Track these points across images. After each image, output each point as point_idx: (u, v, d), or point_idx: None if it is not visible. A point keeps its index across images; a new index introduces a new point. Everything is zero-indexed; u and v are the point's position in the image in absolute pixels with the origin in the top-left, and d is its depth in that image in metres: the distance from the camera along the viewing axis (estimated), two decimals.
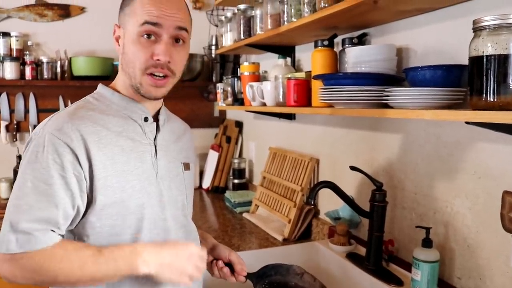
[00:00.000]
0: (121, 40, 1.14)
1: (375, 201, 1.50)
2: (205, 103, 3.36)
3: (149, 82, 1.10)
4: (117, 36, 1.15)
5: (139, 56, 1.08)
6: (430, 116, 1.09)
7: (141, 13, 1.07)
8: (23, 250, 0.97)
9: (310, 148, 2.16)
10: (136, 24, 1.08)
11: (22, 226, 0.97)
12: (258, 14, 2.04)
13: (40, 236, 0.98)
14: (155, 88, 1.11)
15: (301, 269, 1.37)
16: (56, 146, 1.02)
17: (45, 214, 0.99)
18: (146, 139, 1.15)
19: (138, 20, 1.07)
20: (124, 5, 1.13)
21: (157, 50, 1.07)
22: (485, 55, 0.93)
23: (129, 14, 1.10)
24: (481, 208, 1.26)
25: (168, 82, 1.12)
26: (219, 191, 2.97)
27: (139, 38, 1.08)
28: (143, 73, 1.09)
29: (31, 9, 2.96)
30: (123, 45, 1.13)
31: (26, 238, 0.97)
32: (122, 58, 1.13)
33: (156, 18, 1.06)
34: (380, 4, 1.29)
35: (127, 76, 1.12)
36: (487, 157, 1.24)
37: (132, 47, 1.09)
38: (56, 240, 1.00)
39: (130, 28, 1.10)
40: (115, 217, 1.07)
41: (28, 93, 2.96)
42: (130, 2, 1.11)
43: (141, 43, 1.08)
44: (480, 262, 1.27)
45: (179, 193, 1.22)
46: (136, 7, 1.09)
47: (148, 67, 1.08)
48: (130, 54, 1.10)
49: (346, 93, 1.39)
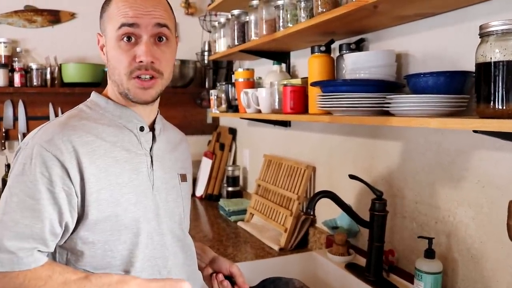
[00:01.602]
0: (105, 48, 1.10)
1: (375, 210, 1.47)
2: (198, 109, 3.32)
3: (136, 85, 1.04)
4: (101, 45, 1.11)
5: (121, 60, 1.03)
6: (436, 124, 1.05)
7: (117, 16, 1.03)
8: (5, 270, 0.92)
9: (306, 156, 2.13)
10: (114, 29, 1.04)
11: (6, 244, 0.92)
12: (252, 20, 2.01)
13: (24, 257, 0.93)
14: (143, 90, 1.05)
15: (300, 283, 1.33)
16: (45, 158, 0.96)
17: (31, 231, 0.94)
18: (141, 149, 1.11)
19: (115, 24, 1.03)
20: (102, 11, 1.10)
21: (138, 51, 1.03)
22: (493, 61, 0.91)
23: (107, 20, 1.07)
24: (485, 217, 1.23)
25: (156, 83, 1.06)
26: (213, 199, 2.93)
27: (118, 42, 1.04)
28: (129, 78, 1.04)
29: (20, 15, 2.91)
30: (106, 52, 1.09)
31: (9, 258, 0.92)
32: (108, 66, 1.09)
33: (131, 18, 1.02)
34: (380, 9, 1.26)
35: (115, 84, 1.08)
36: (491, 165, 1.21)
37: (114, 53, 1.05)
38: (41, 262, 0.95)
39: (109, 34, 1.06)
40: (109, 232, 1.02)
41: (17, 101, 2.91)
42: (106, 7, 1.08)
43: (121, 47, 1.03)
44: (485, 273, 1.24)
45: (175, 205, 1.17)
46: (112, 12, 1.05)
47: (133, 70, 1.03)
48: (113, 60, 1.05)
49: (345, 100, 1.35)
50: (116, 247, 1.03)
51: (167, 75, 1.09)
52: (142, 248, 1.06)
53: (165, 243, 1.12)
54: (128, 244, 1.05)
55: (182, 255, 1.16)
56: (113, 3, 1.06)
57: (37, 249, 0.95)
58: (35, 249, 0.95)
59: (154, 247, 1.09)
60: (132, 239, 1.05)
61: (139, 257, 1.06)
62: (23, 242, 0.93)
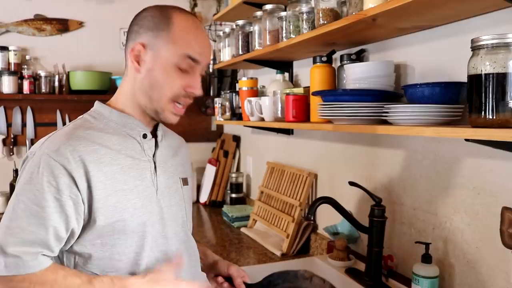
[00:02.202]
0: (145, 62, 1.10)
1: (374, 216, 1.50)
2: (203, 117, 3.37)
3: (172, 110, 1.12)
4: (138, 55, 1.11)
5: (172, 85, 1.10)
6: (431, 133, 1.10)
7: (184, 45, 1.09)
8: (12, 273, 0.96)
9: (308, 163, 2.17)
10: (175, 54, 1.08)
11: (12, 249, 0.96)
12: (256, 30, 2.06)
13: (30, 260, 0.97)
14: (175, 116, 1.14)
15: (309, 273, 1.34)
16: (52, 168, 1.00)
17: (36, 237, 0.98)
18: (145, 156, 1.15)
19: (178, 51, 1.08)
20: (157, 27, 1.10)
21: (193, 83, 1.11)
22: (484, 73, 0.95)
23: (165, 40, 1.09)
24: (480, 223, 1.27)
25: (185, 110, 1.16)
26: (217, 205, 2.97)
27: (175, 67, 1.09)
28: (170, 101, 1.11)
29: (30, 23, 2.98)
30: (149, 67, 1.10)
31: (14, 261, 0.96)
32: (145, 79, 1.11)
33: (198, 55, 1.10)
34: (379, 22, 1.31)
35: (146, 98, 1.11)
36: (485, 173, 1.25)
37: (165, 74, 1.09)
38: (46, 265, 0.99)
39: (165, 55, 1.09)
40: (117, 236, 1.07)
41: (26, 107, 2.96)
42: (166, 27, 1.09)
43: (176, 72, 1.09)
44: (480, 278, 1.27)
45: (178, 208, 1.21)
46: (176, 36, 1.09)
47: (179, 96, 1.11)
48: (161, 80, 1.09)
49: (345, 109, 1.40)
50: (123, 250, 1.08)
51: None
52: (148, 251, 1.11)
53: (169, 245, 1.16)
54: (134, 247, 1.09)
55: (186, 257, 1.20)
56: (176, 27, 1.09)
57: (42, 253, 0.99)
58: (39, 253, 0.99)
59: (159, 249, 1.13)
60: (138, 242, 1.09)
61: (144, 259, 1.10)
62: (28, 247, 0.97)
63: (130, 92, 1.15)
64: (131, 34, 1.14)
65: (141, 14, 1.15)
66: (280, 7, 1.88)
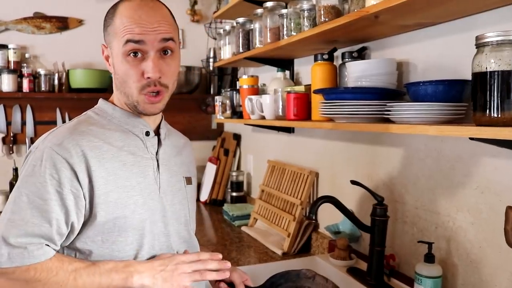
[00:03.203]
0: (110, 60, 1.13)
1: (376, 215, 1.49)
2: (203, 115, 3.35)
3: (145, 101, 1.09)
4: (106, 56, 1.14)
5: (131, 75, 1.07)
6: (434, 132, 1.08)
7: (123, 32, 1.05)
8: (15, 265, 0.95)
9: (309, 162, 2.16)
10: (119, 44, 1.06)
11: (15, 241, 0.96)
12: (257, 28, 2.05)
13: (35, 250, 0.97)
14: (151, 105, 1.10)
15: (311, 272, 1.32)
16: (55, 161, 1.00)
17: (40, 230, 0.98)
18: (147, 153, 1.14)
19: (120, 40, 1.06)
20: (106, 24, 1.11)
21: (146, 67, 1.06)
22: (489, 71, 0.94)
23: (112, 33, 1.09)
24: (484, 223, 1.26)
25: (163, 97, 1.11)
26: (217, 204, 2.96)
27: (125, 57, 1.06)
28: (139, 93, 1.08)
29: (29, 21, 2.96)
30: (113, 64, 1.11)
31: (19, 252, 0.95)
32: (115, 78, 1.13)
33: (137, 35, 1.04)
34: (381, 19, 1.30)
35: (123, 95, 1.11)
36: (489, 172, 1.23)
37: (122, 67, 1.08)
38: (50, 255, 0.99)
39: (115, 48, 1.08)
40: (118, 233, 1.06)
41: (25, 106, 2.95)
42: (110, 21, 1.09)
43: (129, 62, 1.06)
44: (483, 278, 1.26)
45: (181, 207, 1.21)
46: (117, 26, 1.07)
47: (143, 86, 1.07)
48: (122, 74, 1.08)
49: (347, 107, 1.38)
50: (124, 247, 1.07)
51: (172, 86, 1.14)
52: (148, 249, 1.10)
53: (171, 245, 1.15)
54: (135, 245, 1.09)
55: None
56: (117, 17, 1.07)
57: (46, 243, 0.99)
58: (43, 243, 0.99)
59: (160, 248, 1.13)
60: (139, 240, 1.09)
61: (144, 257, 1.09)
62: (32, 238, 0.97)
63: (115, 93, 1.16)
64: None
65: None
66: (281, 4, 1.87)
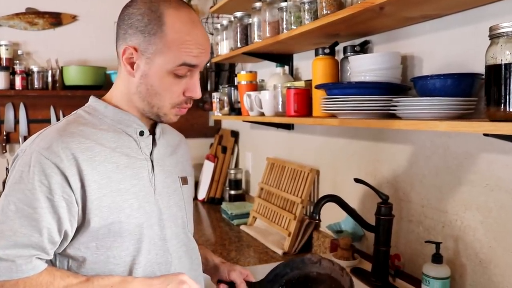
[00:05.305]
0: (139, 67, 1.02)
1: (381, 214, 1.45)
2: (200, 112, 3.30)
3: (174, 113, 1.08)
4: (132, 61, 1.03)
5: (171, 92, 1.04)
6: (445, 127, 1.03)
7: (179, 52, 0.99)
8: (3, 279, 0.90)
9: (310, 159, 2.11)
10: (170, 61, 1.00)
11: (3, 253, 0.90)
12: (255, 22, 1.99)
13: (23, 264, 0.91)
14: (177, 117, 1.10)
15: (316, 256, 1.28)
16: (44, 166, 0.94)
17: (30, 240, 0.92)
18: (141, 154, 1.08)
19: (174, 58, 1.00)
20: (148, 31, 1.00)
21: (191, 87, 1.05)
22: (504, 63, 0.89)
23: (158, 46, 0.99)
24: (493, 221, 1.21)
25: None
26: (215, 202, 2.91)
27: (171, 74, 1.02)
28: (173, 107, 1.06)
29: (22, 17, 2.90)
30: (143, 73, 1.02)
31: (6, 265, 0.90)
32: (141, 86, 1.03)
33: (195, 58, 1.02)
34: (386, 10, 1.25)
35: (145, 104, 1.05)
36: (499, 169, 1.19)
37: (162, 82, 1.02)
38: (40, 269, 0.93)
39: (160, 62, 1.00)
40: (113, 239, 1.00)
41: (18, 103, 2.90)
42: (158, 29, 0.99)
43: (173, 79, 1.03)
44: (494, 278, 1.22)
45: (178, 209, 1.15)
46: (170, 41, 0.99)
47: (180, 102, 1.06)
48: (158, 88, 1.03)
49: (351, 103, 1.34)
50: (119, 253, 1.02)
51: None
52: (145, 254, 1.05)
53: (169, 249, 1.10)
54: (131, 250, 1.03)
55: (187, 260, 1.14)
56: (169, 28, 0.99)
57: (36, 256, 0.94)
58: (33, 256, 0.93)
59: (157, 252, 1.07)
60: (135, 245, 1.03)
61: (141, 263, 1.04)
62: (21, 250, 0.92)
63: (125, 92, 1.08)
64: (120, 31, 1.04)
65: (128, 10, 1.03)
66: None
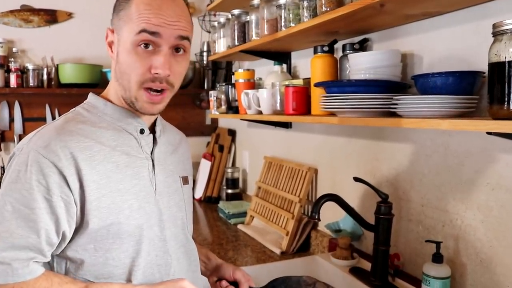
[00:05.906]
0: (114, 47, 1.01)
1: (380, 213, 1.43)
2: (197, 111, 3.29)
3: (144, 99, 0.99)
4: (110, 42, 1.03)
5: (135, 68, 0.97)
6: (448, 126, 1.02)
7: (138, 20, 0.95)
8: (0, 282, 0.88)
9: (308, 158, 2.10)
10: (132, 32, 0.96)
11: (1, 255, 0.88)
12: (253, 19, 1.97)
13: (19, 268, 0.89)
14: (151, 104, 1.00)
15: (311, 279, 1.29)
16: (42, 165, 0.91)
17: (27, 241, 0.90)
18: (142, 153, 1.06)
19: (134, 28, 0.95)
20: (119, 8, 1.00)
21: (155, 62, 0.96)
22: (508, 61, 0.88)
23: (124, 19, 0.98)
24: (494, 221, 1.20)
25: (165, 96, 1.01)
26: (212, 201, 2.90)
27: (135, 47, 0.96)
28: (139, 87, 0.98)
29: (16, 14, 2.87)
30: (117, 53, 1.01)
31: (3, 269, 0.88)
32: (116, 67, 1.02)
33: (155, 26, 0.95)
34: (387, 8, 1.23)
35: (121, 88, 1.01)
36: (501, 168, 1.18)
37: (127, 58, 0.97)
38: (38, 273, 0.91)
39: (125, 36, 0.97)
40: (112, 240, 0.98)
41: (13, 102, 2.87)
42: (125, 5, 0.98)
43: (137, 53, 0.96)
44: (495, 278, 1.21)
45: (178, 209, 1.13)
46: (132, 12, 0.96)
47: (145, 81, 0.97)
48: (125, 65, 0.98)
49: (351, 101, 1.32)
50: (118, 255, 0.99)
51: (177, 87, 1.04)
52: (144, 255, 1.02)
53: (168, 250, 1.07)
54: (130, 252, 1.01)
55: (186, 261, 1.12)
56: (133, 2, 0.97)
57: (34, 259, 0.91)
58: (31, 260, 0.91)
59: (156, 254, 1.05)
60: (134, 247, 1.01)
61: (141, 265, 1.02)
62: (18, 252, 0.89)
63: (113, 84, 1.06)
64: None
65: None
66: None
